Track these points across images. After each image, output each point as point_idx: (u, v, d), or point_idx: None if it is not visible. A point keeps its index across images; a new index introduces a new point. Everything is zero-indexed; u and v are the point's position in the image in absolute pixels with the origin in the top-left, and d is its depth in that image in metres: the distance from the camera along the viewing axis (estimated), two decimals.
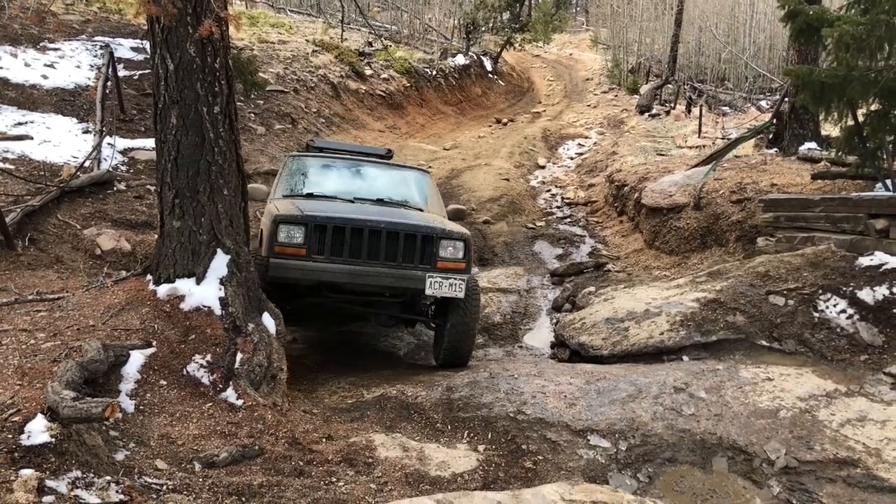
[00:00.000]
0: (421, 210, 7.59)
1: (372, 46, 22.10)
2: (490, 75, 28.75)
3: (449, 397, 6.03)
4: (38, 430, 3.95)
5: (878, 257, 7.16)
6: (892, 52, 7.85)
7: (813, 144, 12.06)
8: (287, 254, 6.38)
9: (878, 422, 5.55)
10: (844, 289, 7.03)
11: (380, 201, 7.44)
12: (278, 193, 7.50)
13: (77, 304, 5.75)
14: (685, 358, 6.94)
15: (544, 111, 25.31)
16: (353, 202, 7.23)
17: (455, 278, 6.48)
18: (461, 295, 6.52)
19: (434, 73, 23.97)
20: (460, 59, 26.70)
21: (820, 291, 7.10)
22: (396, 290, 6.76)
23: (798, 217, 8.40)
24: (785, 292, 7.22)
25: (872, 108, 8.40)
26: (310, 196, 7.35)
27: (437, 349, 7.11)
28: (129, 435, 4.59)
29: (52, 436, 3.94)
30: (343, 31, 13.83)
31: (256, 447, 4.77)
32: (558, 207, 14.13)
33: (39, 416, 4.02)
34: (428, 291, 6.44)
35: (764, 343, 6.92)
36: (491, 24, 29.48)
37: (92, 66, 13.63)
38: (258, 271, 6.26)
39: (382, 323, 7.45)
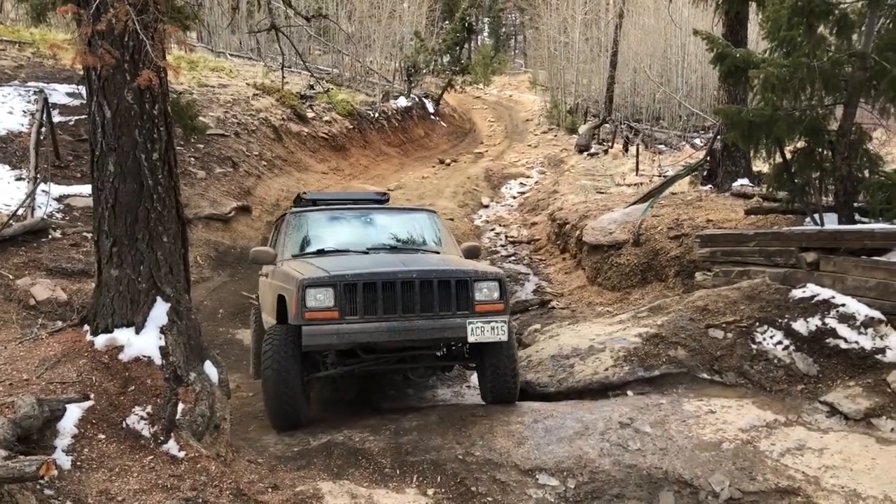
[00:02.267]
0: (437, 252, 7.40)
1: (313, 89, 22.17)
2: (432, 117, 29.09)
3: (397, 441, 5.97)
4: None
5: (810, 289, 7.40)
6: (814, 93, 8.22)
7: (745, 181, 12.48)
8: (318, 319, 5.94)
9: (815, 450, 5.69)
10: (780, 321, 7.23)
11: (394, 249, 7.26)
12: (287, 254, 7.18)
13: (9, 358, 5.55)
14: (630, 393, 7.03)
15: (486, 151, 25.66)
16: (367, 253, 7.01)
17: (496, 321, 6.17)
18: (504, 338, 6.22)
19: (376, 115, 24.14)
20: (402, 102, 26.98)
21: (757, 324, 7.29)
22: (438, 342, 6.50)
23: (734, 252, 8.64)
24: (724, 325, 7.40)
25: (799, 145, 8.76)
26: (321, 253, 7.07)
27: (484, 389, 6.83)
28: (66, 493, 4.42)
29: None
30: (284, 74, 13.85)
31: (200, 500, 4.65)
32: (502, 246, 14.28)
33: None
34: (471, 339, 6.11)
35: (705, 376, 7.05)
36: (432, 67, 29.95)
37: (25, 112, 13.35)
38: (289, 343, 6.09)
39: (419, 375, 7.16)
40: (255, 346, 8.22)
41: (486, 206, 17.61)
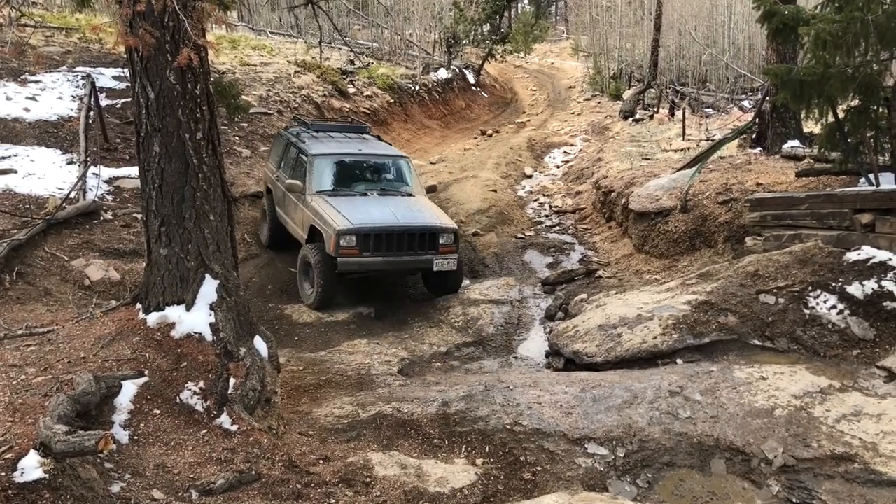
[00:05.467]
0: (412, 195, 10.44)
1: (354, 65, 22.12)
2: (473, 88, 28.83)
3: (445, 412, 6.01)
4: (32, 467, 3.92)
5: (865, 251, 7.20)
6: (868, 49, 7.91)
7: (796, 142, 12.14)
8: (347, 254, 8.97)
9: (873, 416, 5.57)
10: (834, 284, 7.06)
11: (383, 191, 10.34)
12: (313, 189, 9.91)
13: (67, 337, 5.72)
14: (679, 361, 6.95)
15: (529, 121, 25.37)
16: (367, 195, 10.07)
17: (450, 257, 9.50)
18: (454, 268, 9.64)
19: (417, 88, 24.00)
20: (443, 73, 26.76)
21: (810, 288, 7.13)
22: (416, 270, 9.80)
23: (784, 215, 8.43)
24: (775, 291, 7.25)
25: (852, 104, 8.47)
26: (336, 192, 9.95)
27: (432, 287, 10.16)
28: (125, 466, 4.56)
29: (45, 471, 3.92)
30: (323, 50, 13.80)
31: (253, 472, 4.75)
32: (547, 216, 14.14)
33: (32, 452, 4.00)
34: (435, 269, 9.44)
35: (757, 342, 6.93)
36: (472, 37, 29.60)
37: (74, 97, 13.60)
38: (327, 258, 9.02)
39: (398, 275, 10.34)
40: (269, 220, 11.22)
41: (530, 177, 17.41)
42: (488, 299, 9.80)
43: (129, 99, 12.76)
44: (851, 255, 7.24)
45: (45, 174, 10.56)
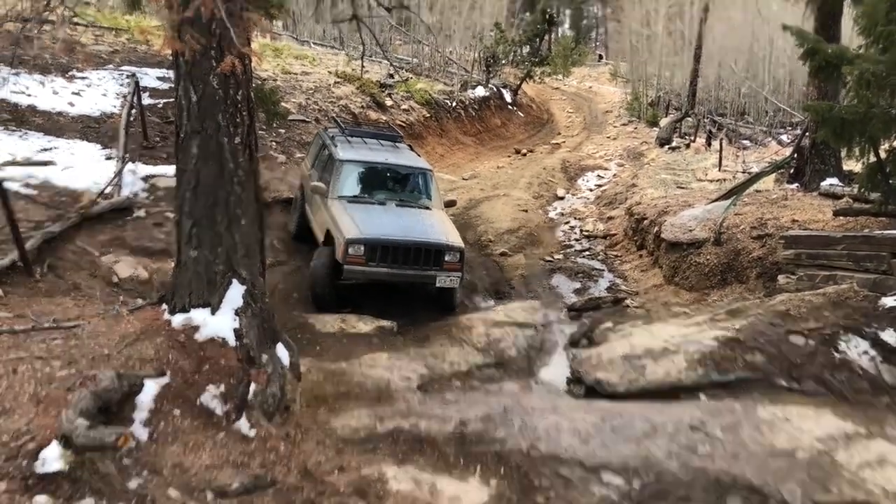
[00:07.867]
0: (429, 208, 10.52)
1: (393, 78, 22.33)
2: (509, 107, 28.92)
3: (462, 431, 5.98)
4: (53, 458, 3.98)
5: None
6: None
7: (835, 180, 11.98)
8: (353, 262, 9.08)
9: None
10: (867, 330, 6.93)
11: (402, 202, 10.39)
12: (335, 194, 10.12)
13: (92, 333, 5.78)
14: (702, 396, 6.85)
15: (563, 142, 25.36)
16: (384, 204, 10.16)
17: (454, 275, 9.50)
18: (456, 286, 9.71)
19: (454, 104, 24.12)
20: (480, 91, 26.88)
21: (841, 332, 7.00)
22: (419, 283, 9.75)
23: (820, 254, 8.32)
24: (805, 332, 7.12)
25: (894, 144, 8.36)
26: (356, 199, 10.13)
27: (436, 301, 10.10)
28: (143, 463, 4.59)
29: (66, 463, 3.97)
30: (364, 63, 13.90)
31: (268, 477, 4.76)
32: (577, 240, 14.06)
33: (54, 443, 4.06)
34: (438, 284, 9.49)
35: (783, 383, 6.82)
36: (511, 58, 29.79)
37: (118, 95, 13.86)
38: (330, 262, 9.23)
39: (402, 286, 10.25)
40: (298, 213, 11.45)
41: (562, 199, 17.35)
42: (512, 321, 9.73)
43: (172, 99, 12.94)
44: (887, 301, 7.11)
45: (84, 168, 10.72)
